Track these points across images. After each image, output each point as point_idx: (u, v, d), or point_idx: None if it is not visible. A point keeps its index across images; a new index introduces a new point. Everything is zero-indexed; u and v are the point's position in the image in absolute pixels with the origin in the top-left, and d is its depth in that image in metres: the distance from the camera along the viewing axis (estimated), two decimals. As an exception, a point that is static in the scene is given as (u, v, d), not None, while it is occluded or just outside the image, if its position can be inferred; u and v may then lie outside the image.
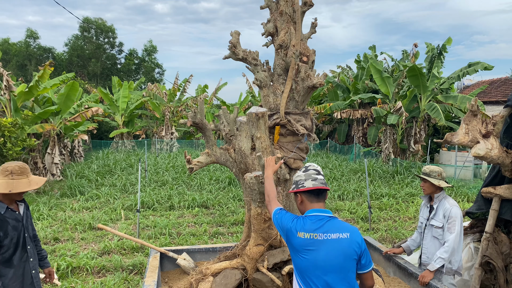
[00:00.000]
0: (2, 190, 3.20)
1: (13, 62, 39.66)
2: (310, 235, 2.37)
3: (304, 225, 2.41)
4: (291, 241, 2.44)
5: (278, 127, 4.04)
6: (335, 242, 2.35)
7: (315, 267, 2.35)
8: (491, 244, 3.93)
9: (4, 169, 3.27)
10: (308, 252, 2.36)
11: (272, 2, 4.17)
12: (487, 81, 22.50)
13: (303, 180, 2.53)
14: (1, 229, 3.18)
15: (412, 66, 13.80)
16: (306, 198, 2.51)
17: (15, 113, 12.01)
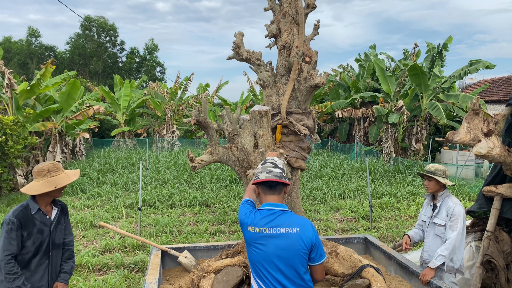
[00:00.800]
0: (47, 188, 3.23)
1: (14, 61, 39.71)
2: (259, 229, 2.42)
3: (254, 219, 2.46)
4: (244, 234, 2.49)
5: (280, 126, 4.05)
6: (284, 236, 2.38)
7: (265, 261, 2.40)
8: (493, 243, 3.93)
9: (41, 170, 3.31)
10: (258, 245, 2.41)
11: (276, 4, 4.20)
12: (488, 80, 22.46)
13: (259, 173, 2.55)
14: (26, 228, 3.19)
15: (413, 65, 13.78)
16: (261, 191, 2.54)
17: (17, 111, 12.03)
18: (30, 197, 3.32)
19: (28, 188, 3.27)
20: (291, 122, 4.00)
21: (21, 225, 3.16)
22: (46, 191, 3.23)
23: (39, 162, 13.14)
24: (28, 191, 3.24)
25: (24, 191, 3.27)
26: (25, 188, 3.30)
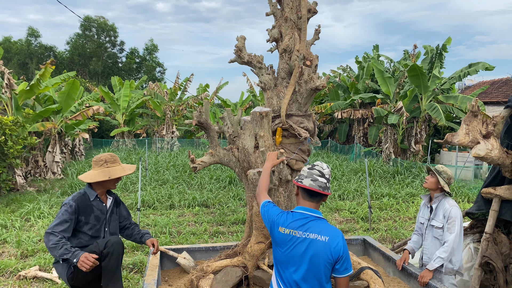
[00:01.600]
0: (102, 178, 3.41)
1: (14, 61, 39.71)
2: (290, 231, 2.45)
3: (286, 221, 2.49)
4: (273, 234, 2.53)
5: (280, 129, 4.08)
6: (312, 242, 2.40)
7: (289, 263, 2.44)
8: (491, 244, 3.94)
9: (98, 160, 3.50)
10: (286, 247, 2.45)
11: (277, 9, 4.27)
12: (488, 81, 22.49)
13: (304, 176, 2.58)
14: (83, 214, 3.35)
15: (413, 66, 13.79)
16: (301, 194, 2.58)
17: (16, 111, 12.03)
18: (87, 184, 3.50)
19: (85, 176, 3.47)
20: (291, 125, 4.03)
21: (78, 210, 3.31)
22: (100, 179, 3.41)
23: (38, 163, 13.18)
24: (84, 179, 3.44)
25: (81, 178, 3.46)
26: (82, 176, 3.49)
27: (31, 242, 6.52)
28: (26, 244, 6.41)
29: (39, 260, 5.66)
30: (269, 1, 4.29)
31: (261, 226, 3.78)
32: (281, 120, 4.06)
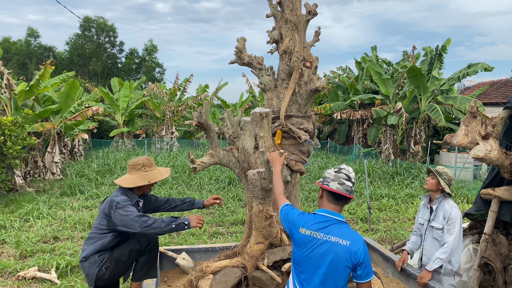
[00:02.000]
0: (142, 182, 3.44)
1: (13, 61, 39.67)
2: (311, 233, 2.45)
3: (307, 222, 2.50)
4: (293, 235, 2.53)
5: (279, 131, 4.10)
6: (333, 245, 2.39)
7: (308, 264, 2.44)
8: (490, 245, 3.94)
9: (136, 164, 3.51)
10: (306, 248, 2.45)
11: (278, 11, 4.30)
12: (487, 82, 22.51)
13: (330, 180, 2.58)
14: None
15: (412, 67, 13.80)
16: (326, 196, 2.58)
17: (16, 111, 12.03)
18: (122, 188, 3.46)
19: (123, 181, 3.46)
20: (290, 128, 4.04)
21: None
22: (140, 184, 3.43)
23: (37, 163, 13.17)
24: (124, 184, 3.43)
25: (119, 183, 3.45)
26: (120, 181, 3.47)
27: (30, 242, 6.51)
28: (25, 244, 6.40)
29: (38, 261, 5.66)
30: (270, 3, 4.31)
31: (260, 227, 3.78)
32: (281, 123, 4.07)
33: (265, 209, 3.65)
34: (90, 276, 3.33)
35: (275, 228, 3.81)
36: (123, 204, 3.28)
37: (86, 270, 3.35)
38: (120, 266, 3.39)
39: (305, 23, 4.19)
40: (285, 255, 3.71)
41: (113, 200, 3.32)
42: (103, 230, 3.37)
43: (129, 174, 3.49)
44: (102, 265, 3.31)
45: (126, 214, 3.23)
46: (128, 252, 3.44)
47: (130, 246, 3.42)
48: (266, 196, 3.62)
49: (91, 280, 3.35)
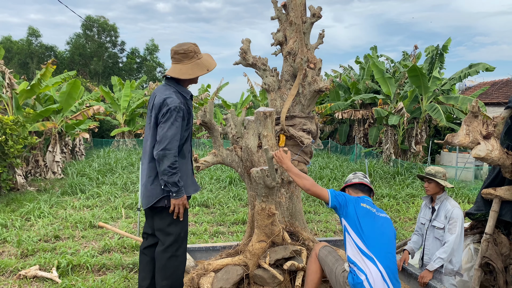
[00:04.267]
0: (202, 72, 3.10)
1: (15, 60, 39.72)
2: (370, 208, 3.12)
3: (363, 201, 3.16)
4: (355, 209, 3.07)
5: (282, 136, 4.15)
6: (385, 219, 3.15)
7: (374, 232, 3.02)
8: (491, 245, 3.94)
9: (187, 51, 3.06)
10: (369, 219, 3.05)
11: (282, 13, 4.37)
12: (488, 82, 22.48)
13: (351, 179, 3.39)
14: (189, 116, 3.13)
15: (413, 66, 13.79)
16: (352, 191, 3.32)
17: (17, 111, 12.04)
18: (170, 81, 3.10)
19: (178, 71, 3.06)
20: (292, 134, 4.09)
21: (187, 115, 3.09)
22: (200, 74, 3.09)
23: (39, 162, 13.19)
24: (182, 75, 3.05)
25: (174, 75, 3.05)
26: (175, 71, 3.06)
27: (31, 241, 6.52)
28: (26, 243, 6.41)
29: (39, 260, 5.67)
30: (275, 6, 4.39)
31: (262, 225, 3.80)
32: (282, 127, 4.12)
33: (267, 207, 3.69)
34: (151, 198, 3.12)
35: (277, 226, 3.83)
36: (172, 116, 2.93)
37: (155, 193, 3.11)
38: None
39: (310, 26, 4.25)
40: (287, 254, 3.72)
41: (167, 102, 2.95)
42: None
43: (181, 64, 3.08)
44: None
45: (165, 128, 2.94)
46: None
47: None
48: (269, 194, 3.64)
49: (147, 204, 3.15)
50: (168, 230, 3.23)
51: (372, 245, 2.94)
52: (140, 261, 3.46)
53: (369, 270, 2.89)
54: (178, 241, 3.27)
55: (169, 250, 3.23)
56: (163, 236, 3.25)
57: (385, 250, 2.97)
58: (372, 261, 2.91)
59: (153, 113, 3.08)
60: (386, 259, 2.94)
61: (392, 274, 2.93)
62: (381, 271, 2.88)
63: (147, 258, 3.40)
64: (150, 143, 3.13)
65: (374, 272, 2.87)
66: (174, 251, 3.25)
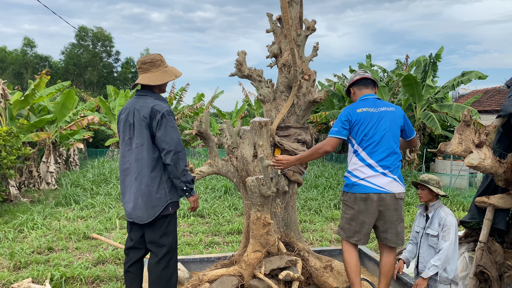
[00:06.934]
0: (170, 78, 3.31)
1: (9, 70, 39.63)
2: (366, 109, 3.34)
3: (358, 105, 3.40)
4: (352, 117, 3.36)
5: (277, 149, 4.19)
6: (384, 113, 3.33)
7: (374, 130, 3.29)
8: (485, 253, 3.94)
9: (154, 59, 3.24)
10: (365, 120, 3.31)
11: (277, 26, 4.47)
12: (481, 90, 22.69)
13: (353, 77, 3.57)
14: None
15: (407, 75, 13.90)
16: (357, 88, 3.55)
17: (11, 121, 11.98)
18: (147, 92, 3.21)
19: (148, 79, 3.17)
20: (286, 149, 4.10)
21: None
22: (169, 80, 3.25)
23: (32, 173, 13.09)
24: (152, 81, 3.16)
25: (145, 82, 3.16)
26: (144, 79, 3.17)
27: (24, 253, 6.45)
28: (19, 255, 6.34)
29: (32, 272, 5.60)
30: (270, 19, 4.49)
31: (258, 234, 3.79)
32: (273, 140, 4.15)
33: (263, 216, 3.69)
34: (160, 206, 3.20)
35: (272, 236, 3.83)
36: (169, 120, 3.07)
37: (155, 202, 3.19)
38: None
39: (304, 38, 4.36)
40: (282, 264, 3.71)
41: (157, 110, 3.05)
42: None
43: (149, 72, 3.19)
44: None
45: (171, 131, 3.06)
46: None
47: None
48: (264, 203, 3.64)
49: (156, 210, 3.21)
50: (161, 242, 3.26)
51: (369, 146, 3.30)
52: (126, 280, 3.43)
53: (365, 173, 3.33)
54: (170, 251, 3.30)
55: (162, 262, 3.25)
56: (156, 248, 3.26)
57: (382, 148, 3.30)
58: (369, 166, 3.31)
59: (143, 124, 3.12)
60: (380, 155, 3.32)
61: (389, 169, 3.31)
62: (376, 168, 3.30)
63: (133, 275, 3.40)
64: (147, 154, 3.14)
65: (366, 170, 3.33)
66: (167, 262, 3.28)
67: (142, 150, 3.15)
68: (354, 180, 3.35)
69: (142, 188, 3.15)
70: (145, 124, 3.09)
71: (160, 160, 3.18)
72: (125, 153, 3.25)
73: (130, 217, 3.27)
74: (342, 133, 3.38)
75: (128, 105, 3.26)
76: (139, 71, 3.28)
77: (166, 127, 3.05)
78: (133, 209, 3.20)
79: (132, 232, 3.39)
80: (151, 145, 3.13)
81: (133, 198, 3.18)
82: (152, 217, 3.17)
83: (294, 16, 4.32)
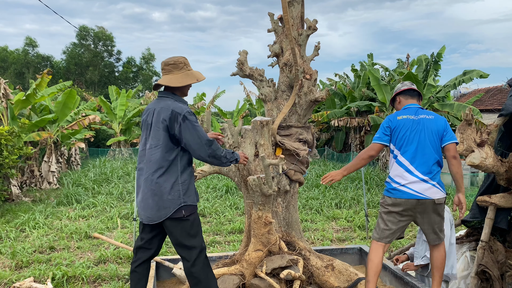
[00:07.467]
0: (192, 80, 3.22)
1: (11, 70, 39.69)
2: (406, 116, 3.48)
3: (400, 113, 3.55)
4: (393, 124, 3.50)
5: (279, 149, 4.19)
6: (424, 120, 3.45)
7: (413, 136, 3.41)
8: (487, 253, 3.94)
9: (177, 62, 3.23)
10: (404, 127, 3.44)
11: (279, 26, 4.46)
12: (483, 89, 22.65)
13: (400, 87, 3.73)
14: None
15: (408, 74, 13.88)
16: (403, 98, 3.70)
17: (12, 121, 12.00)
18: (168, 94, 3.21)
19: (168, 80, 3.16)
20: (287, 148, 4.10)
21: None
22: (190, 82, 3.21)
23: (34, 172, 13.12)
24: (173, 83, 3.15)
25: (165, 83, 3.16)
26: (166, 80, 3.17)
27: (26, 253, 6.47)
28: (20, 255, 6.35)
29: (34, 271, 5.61)
30: (271, 19, 4.49)
31: (259, 233, 3.80)
32: (274, 140, 4.15)
33: (264, 215, 3.70)
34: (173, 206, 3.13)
35: (273, 235, 3.83)
36: (192, 121, 3.03)
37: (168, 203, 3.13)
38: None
39: (305, 38, 4.36)
40: (284, 263, 3.71)
41: (177, 112, 3.04)
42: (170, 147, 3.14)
43: (171, 74, 3.18)
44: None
45: (197, 131, 3.05)
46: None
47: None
48: (265, 202, 3.65)
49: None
50: (190, 244, 3.19)
51: (408, 152, 3.40)
52: (131, 279, 3.40)
53: (405, 179, 3.39)
54: (202, 252, 3.25)
55: (198, 263, 3.19)
56: (187, 251, 3.19)
57: (421, 154, 3.39)
58: (409, 172, 3.39)
59: (161, 126, 3.11)
60: (419, 161, 3.40)
61: (429, 175, 3.41)
62: (416, 174, 3.37)
63: (139, 275, 3.36)
64: (161, 155, 3.12)
65: (407, 177, 3.39)
66: (203, 263, 3.22)
67: (156, 151, 3.12)
68: (395, 185, 3.43)
69: (153, 188, 3.11)
70: (163, 126, 3.08)
71: (177, 162, 3.15)
72: (141, 153, 3.26)
73: (141, 217, 3.25)
74: (383, 139, 3.51)
75: (150, 106, 3.27)
76: (162, 72, 3.27)
77: (191, 130, 3.02)
78: (144, 209, 3.17)
79: (144, 232, 3.35)
80: (167, 147, 3.11)
81: (144, 198, 3.16)
82: (162, 218, 3.11)
83: (296, 15, 4.32)
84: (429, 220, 3.42)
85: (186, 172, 3.19)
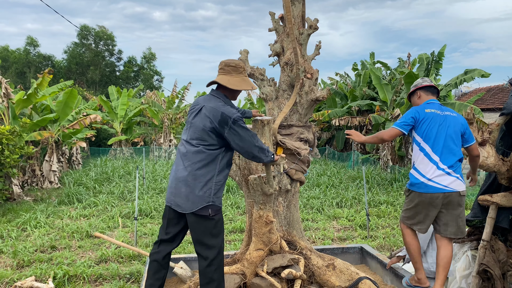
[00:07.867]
0: (247, 87, 3.28)
1: (12, 70, 39.75)
2: (433, 111, 3.57)
3: (427, 107, 3.62)
4: (420, 116, 3.55)
5: (280, 148, 4.19)
6: (449, 117, 3.54)
7: (439, 130, 3.49)
8: (488, 252, 3.93)
9: (238, 65, 3.24)
10: (433, 121, 3.51)
11: (280, 25, 4.48)
12: (484, 88, 22.61)
13: (421, 82, 3.79)
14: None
15: (409, 73, 13.86)
16: (424, 93, 3.76)
17: (13, 120, 12.01)
18: (219, 94, 3.23)
19: (227, 81, 3.19)
20: (288, 148, 4.11)
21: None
22: (246, 88, 3.26)
23: (35, 172, 13.14)
24: (231, 85, 3.18)
25: (223, 83, 3.18)
26: (224, 80, 3.19)
27: (27, 252, 6.48)
28: (22, 254, 6.37)
29: (35, 271, 5.62)
30: (272, 18, 4.49)
31: (260, 233, 3.79)
32: (275, 139, 4.15)
33: (265, 214, 3.70)
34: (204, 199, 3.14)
35: (275, 234, 3.83)
36: (239, 125, 3.07)
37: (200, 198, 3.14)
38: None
39: (306, 37, 4.35)
40: (285, 262, 3.71)
41: (227, 115, 3.06)
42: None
43: (229, 75, 3.20)
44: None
45: (247, 135, 3.08)
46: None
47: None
48: (266, 201, 3.64)
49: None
50: (211, 243, 3.19)
51: (436, 146, 3.46)
52: (149, 269, 3.40)
53: (433, 172, 3.46)
54: (221, 252, 3.25)
55: (215, 263, 3.19)
56: (205, 250, 3.20)
57: (447, 149, 3.45)
58: (434, 162, 3.46)
59: (207, 125, 3.14)
60: (446, 155, 3.47)
61: (453, 168, 3.46)
62: (443, 168, 3.44)
63: (158, 266, 3.36)
64: (200, 152, 3.17)
65: (433, 170, 3.46)
66: (219, 264, 3.23)
67: (197, 147, 3.17)
68: (422, 180, 3.49)
69: (189, 179, 3.13)
70: (209, 126, 3.11)
71: (217, 161, 3.17)
72: (183, 143, 3.33)
73: (170, 202, 3.25)
74: (404, 127, 3.58)
75: (199, 100, 3.29)
76: (219, 71, 3.27)
77: (240, 134, 3.08)
78: (175, 195, 3.18)
79: (169, 227, 3.35)
80: (209, 145, 3.14)
81: (178, 185, 3.17)
82: (188, 210, 3.13)
83: (297, 14, 4.31)
84: (454, 212, 3.50)
85: (222, 174, 3.23)
